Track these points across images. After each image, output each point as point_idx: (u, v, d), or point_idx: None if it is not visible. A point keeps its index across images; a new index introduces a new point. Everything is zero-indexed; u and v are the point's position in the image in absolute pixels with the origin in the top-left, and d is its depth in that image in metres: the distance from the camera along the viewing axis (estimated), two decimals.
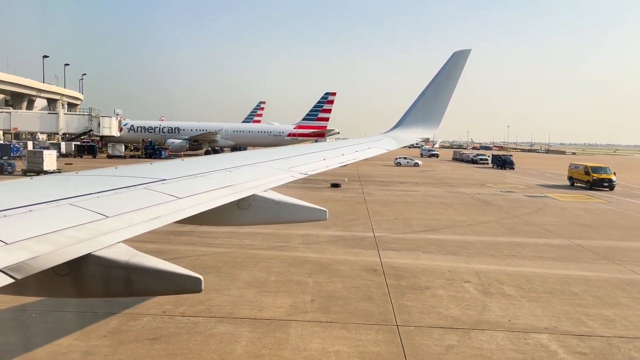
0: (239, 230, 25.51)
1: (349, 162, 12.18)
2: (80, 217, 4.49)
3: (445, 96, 15.90)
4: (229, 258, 20.18)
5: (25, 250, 3.58)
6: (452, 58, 15.62)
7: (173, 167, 8.23)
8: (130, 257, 4.38)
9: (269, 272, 18.24)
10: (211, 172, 7.56)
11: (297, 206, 7.96)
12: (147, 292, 4.80)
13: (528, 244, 24.23)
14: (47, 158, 51.59)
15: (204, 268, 18.63)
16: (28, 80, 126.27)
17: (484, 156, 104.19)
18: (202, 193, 6.23)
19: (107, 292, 4.69)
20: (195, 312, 14.10)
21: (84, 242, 4.06)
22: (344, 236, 25.11)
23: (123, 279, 4.33)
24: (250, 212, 7.42)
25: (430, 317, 14.23)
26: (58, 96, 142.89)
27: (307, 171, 9.41)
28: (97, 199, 5.10)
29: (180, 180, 6.66)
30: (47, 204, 4.63)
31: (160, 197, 5.64)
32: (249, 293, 15.91)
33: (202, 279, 4.56)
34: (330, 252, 21.54)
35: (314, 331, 12.99)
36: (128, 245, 4.51)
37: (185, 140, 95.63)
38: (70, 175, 6.71)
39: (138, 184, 6.02)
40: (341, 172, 66.18)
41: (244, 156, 10.82)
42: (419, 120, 16.33)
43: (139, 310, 14.08)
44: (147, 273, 4.41)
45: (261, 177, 8.07)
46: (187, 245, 21.99)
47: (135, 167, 7.62)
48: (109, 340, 12.07)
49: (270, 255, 20.86)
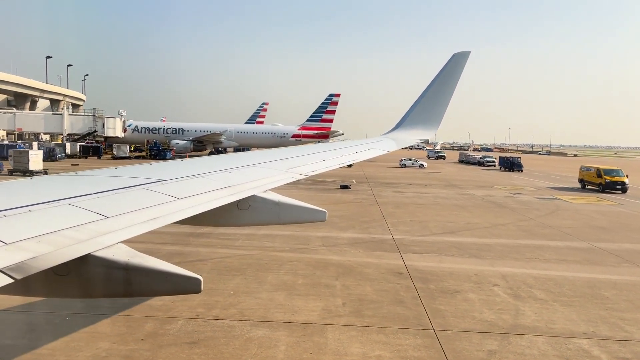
0: (257, 231, 25.42)
1: (349, 163, 12.18)
2: (79, 217, 4.49)
3: (445, 97, 15.94)
4: (252, 260, 20.05)
5: (24, 250, 3.57)
6: (452, 59, 15.65)
7: (173, 168, 8.27)
8: (130, 257, 4.38)
9: (295, 275, 18.11)
10: (211, 172, 7.57)
11: (297, 207, 7.93)
12: (146, 292, 4.77)
13: (549, 247, 24.11)
14: (32, 158, 52.00)
15: (229, 270, 18.52)
16: (31, 81, 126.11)
17: (490, 158, 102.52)
18: (202, 194, 6.24)
19: (107, 293, 4.70)
20: (229, 316, 13.98)
21: (83, 242, 4.06)
22: (362, 238, 24.98)
23: (123, 279, 4.33)
24: (250, 212, 7.43)
25: (465, 321, 14.11)
26: (61, 97, 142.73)
27: (307, 172, 9.41)
28: (96, 200, 5.10)
29: (180, 181, 6.67)
30: (46, 204, 4.62)
31: (160, 198, 5.65)
32: (278, 296, 15.79)
33: (201, 280, 4.51)
34: (352, 255, 21.41)
35: (351, 335, 12.86)
36: (129, 246, 4.52)
37: (189, 141, 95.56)
38: (70, 175, 6.68)
39: (138, 185, 6.01)
40: (348, 173, 66.18)
41: (243, 157, 10.86)
42: (419, 122, 16.37)
43: (171, 314, 13.95)
44: (146, 273, 4.40)
45: (261, 178, 8.07)
46: (208, 247, 21.86)
47: (135, 168, 7.62)
48: (147, 344, 11.95)
49: (293, 257, 20.73)
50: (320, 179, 56.81)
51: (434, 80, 15.94)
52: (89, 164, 69.71)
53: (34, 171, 50.36)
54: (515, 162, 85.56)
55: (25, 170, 50.20)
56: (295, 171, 9.09)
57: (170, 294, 4.97)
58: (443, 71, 15.73)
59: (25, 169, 50.45)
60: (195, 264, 19.20)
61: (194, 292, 4.60)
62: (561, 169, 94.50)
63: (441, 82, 15.72)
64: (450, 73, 15.63)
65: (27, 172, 49.79)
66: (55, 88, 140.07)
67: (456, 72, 15.64)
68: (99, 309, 14.11)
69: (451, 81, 15.69)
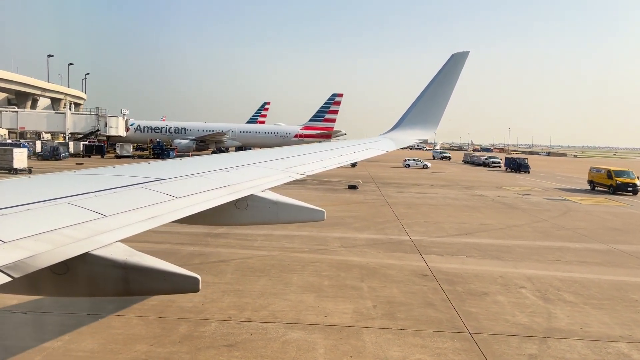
0: (273, 232, 25.34)
1: (352, 162, 12.14)
2: (77, 216, 4.48)
3: (444, 98, 15.95)
4: (274, 261, 19.93)
5: (22, 249, 3.57)
6: (450, 60, 15.66)
7: (171, 167, 8.30)
8: (128, 256, 4.38)
9: (320, 276, 17.99)
10: (209, 172, 7.57)
11: (295, 206, 7.94)
12: (145, 291, 4.78)
13: (568, 249, 24.02)
14: (17, 156, 52.18)
15: (253, 271, 18.39)
16: (33, 80, 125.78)
17: (496, 159, 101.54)
18: (200, 193, 6.25)
19: (105, 291, 4.72)
20: (261, 318, 13.86)
21: (81, 241, 4.06)
22: (380, 239, 24.86)
23: (121, 278, 4.33)
24: (248, 212, 7.44)
25: (499, 324, 14.00)
26: (62, 96, 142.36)
27: (305, 172, 9.43)
28: (94, 198, 5.10)
29: (178, 180, 6.66)
30: (44, 202, 4.63)
31: (158, 197, 5.64)
32: (307, 298, 15.67)
33: (199, 279, 4.52)
34: (373, 256, 21.29)
35: (387, 339, 12.75)
36: (126, 245, 4.51)
37: (192, 141, 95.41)
38: (68, 174, 6.64)
39: (136, 184, 6.01)
40: (352, 173, 66.15)
41: (242, 156, 10.86)
42: (418, 122, 16.37)
43: (203, 316, 13.82)
44: (144, 272, 4.40)
45: (259, 177, 8.08)
46: (228, 248, 21.73)
47: (133, 167, 7.62)
48: (185, 347, 11.82)
49: (314, 258, 20.62)
50: (326, 179, 56.78)
51: (433, 81, 15.96)
52: (93, 163, 69.51)
53: (18, 169, 50.90)
54: (522, 163, 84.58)
55: (9, 168, 50.57)
56: (293, 171, 9.14)
57: (168, 293, 4.91)
58: (442, 71, 15.75)
59: (10, 167, 50.75)
60: (217, 265, 19.08)
61: (192, 291, 4.62)
62: (564, 170, 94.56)
63: (440, 83, 15.74)
64: (449, 73, 15.65)
65: (11, 170, 50.27)
66: (57, 87, 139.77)
67: (455, 73, 15.67)
68: (131, 310, 13.99)
69: (450, 81, 15.71)
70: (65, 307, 13.88)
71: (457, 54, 15.65)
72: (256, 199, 7.41)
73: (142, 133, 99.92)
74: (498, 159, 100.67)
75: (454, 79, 15.70)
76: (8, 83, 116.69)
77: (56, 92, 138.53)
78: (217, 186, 6.74)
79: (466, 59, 15.61)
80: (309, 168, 9.77)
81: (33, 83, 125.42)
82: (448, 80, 15.67)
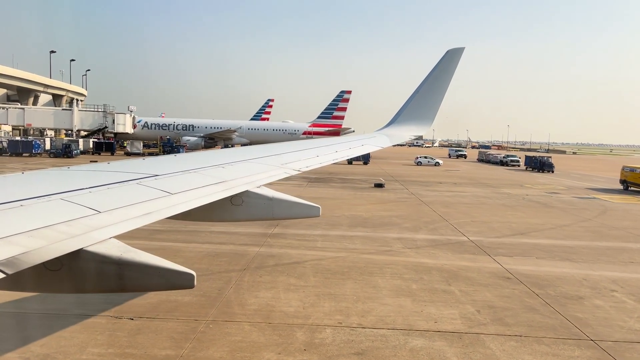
0: (329, 232, 24.95)
1: (342, 159, 12.14)
2: (72, 212, 4.46)
3: (439, 94, 15.96)
4: (348, 263, 19.49)
5: (16, 245, 3.55)
6: (446, 56, 15.63)
7: (166, 163, 8.32)
8: (122, 252, 4.39)
9: (404, 279, 17.56)
10: (204, 168, 7.58)
11: (291, 202, 7.91)
12: (139, 287, 4.79)
13: (632, 249, 23.73)
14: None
15: (333, 274, 17.93)
16: (35, 76, 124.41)
17: (514, 157, 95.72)
18: (195, 189, 6.23)
19: (99, 288, 4.72)
20: (372, 324, 13.41)
21: (75, 237, 4.05)
22: (439, 240, 24.45)
23: (115, 274, 4.34)
24: (244, 208, 7.48)
25: (615, 330, 13.62)
26: (63, 92, 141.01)
27: (301, 167, 9.42)
28: (89, 194, 5.08)
29: (173, 176, 6.68)
30: (38, 198, 4.60)
31: (153, 193, 5.63)
32: (405, 302, 15.24)
33: (194, 275, 4.50)
34: (444, 258, 20.86)
35: (513, 346, 12.34)
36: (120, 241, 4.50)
37: (201, 138, 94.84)
38: (63, 170, 6.59)
39: (130, 180, 5.99)
40: (368, 171, 65.87)
41: (237, 152, 10.87)
42: (413, 118, 16.39)
43: (311, 321, 13.37)
44: (139, 268, 4.41)
45: (254, 173, 8.10)
46: (294, 249, 21.27)
47: (128, 163, 7.58)
48: (315, 355, 11.36)
49: (387, 260, 20.19)
50: (348, 177, 56.50)
51: (428, 77, 15.93)
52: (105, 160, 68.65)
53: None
54: (546, 162, 79.28)
55: None
56: (289, 167, 9.16)
57: (163, 289, 4.91)
58: (437, 67, 15.73)
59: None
60: (294, 267, 18.61)
61: (187, 287, 4.61)
62: (575, 167, 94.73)
63: (435, 79, 15.74)
64: (444, 69, 15.65)
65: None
66: (58, 83, 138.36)
67: (450, 69, 15.67)
68: (234, 315, 13.52)
69: (445, 77, 15.72)
70: (170, 312, 13.41)
71: (452, 50, 15.64)
72: (251, 195, 7.42)
73: (150, 130, 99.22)
74: (517, 158, 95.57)
75: (449, 75, 15.74)
76: (10, 79, 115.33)
77: (58, 88, 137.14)
78: (212, 182, 6.74)
79: (461, 55, 15.62)
80: (305, 164, 9.77)
81: (36, 79, 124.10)
82: (443, 76, 15.69)
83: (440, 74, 15.63)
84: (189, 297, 14.66)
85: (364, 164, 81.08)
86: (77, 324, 12.64)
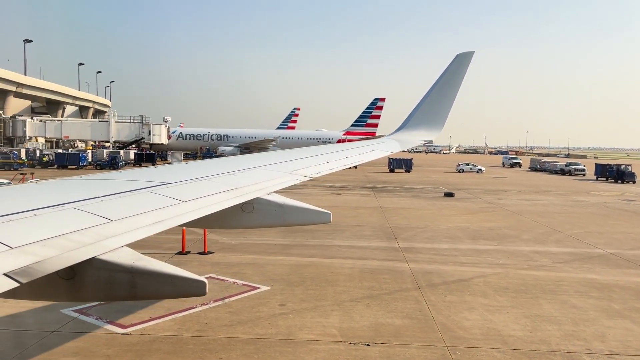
0: (459, 246, 23.91)
1: (352, 165, 12.09)
2: (84, 221, 4.47)
3: (449, 98, 15.79)
4: (515, 280, 18.37)
5: (29, 254, 3.56)
6: (455, 60, 15.43)
7: (177, 171, 8.35)
8: (135, 260, 4.41)
9: (596, 298, 16.45)
10: (215, 175, 7.58)
11: (302, 209, 7.92)
12: (151, 295, 4.79)
13: None
14: None
15: (515, 292, 16.84)
16: (64, 88, 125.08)
17: (579, 165, 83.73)
18: (206, 196, 6.22)
19: (112, 296, 4.78)
20: (623, 350, 12.34)
21: (88, 246, 4.04)
22: (579, 253, 23.25)
23: (128, 282, 4.36)
24: (255, 215, 7.51)
25: None
26: (90, 104, 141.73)
27: (311, 174, 9.43)
28: (101, 203, 5.10)
29: (184, 184, 6.69)
30: (51, 208, 4.61)
31: (164, 201, 5.63)
32: (626, 324, 14.16)
33: (206, 283, 4.52)
34: (607, 274, 19.40)
35: None
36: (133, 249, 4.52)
37: (236, 148, 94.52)
38: (75, 179, 6.67)
39: (142, 188, 5.99)
40: (419, 179, 64.81)
41: (248, 160, 10.89)
42: (423, 123, 16.24)
43: (559, 348, 12.32)
44: (151, 276, 4.42)
45: (265, 180, 8.07)
46: (444, 265, 20.29)
47: (140, 171, 7.57)
48: None
49: (552, 277, 19.09)
50: (412, 186, 55.45)
51: (438, 81, 15.72)
52: None
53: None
54: (626, 172, 67.31)
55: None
56: (299, 173, 9.15)
57: (175, 297, 4.95)
58: (446, 72, 15.55)
59: None
60: (465, 285, 17.57)
61: (198, 295, 4.63)
62: None
63: (444, 83, 15.55)
64: (453, 74, 15.48)
65: None
66: (86, 95, 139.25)
67: (460, 73, 15.47)
68: (468, 341, 12.50)
69: (455, 82, 15.52)
70: (395, 337, 12.42)
71: (461, 54, 15.42)
72: (262, 201, 7.46)
73: (184, 140, 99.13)
74: (582, 166, 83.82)
75: (459, 79, 15.52)
76: (42, 91, 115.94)
77: (85, 100, 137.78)
78: (223, 189, 6.74)
79: (471, 59, 15.42)
80: (315, 170, 9.81)
81: (65, 91, 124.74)
82: (453, 80, 15.49)
83: (449, 78, 15.47)
84: (396, 320, 13.82)
85: (406, 172, 79.96)
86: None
